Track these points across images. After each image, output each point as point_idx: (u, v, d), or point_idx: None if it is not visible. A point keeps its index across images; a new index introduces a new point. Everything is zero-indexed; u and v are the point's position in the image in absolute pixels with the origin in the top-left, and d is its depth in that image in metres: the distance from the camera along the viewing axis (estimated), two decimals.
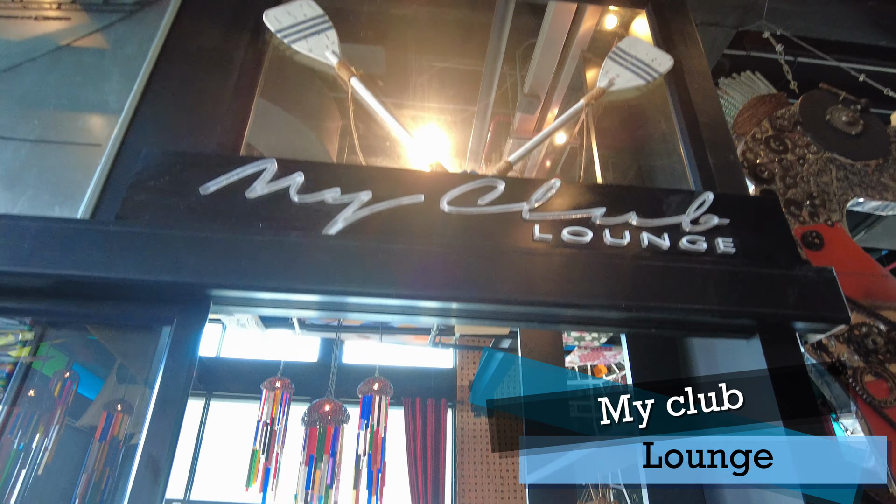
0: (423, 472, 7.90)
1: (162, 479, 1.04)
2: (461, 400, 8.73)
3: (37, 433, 1.67)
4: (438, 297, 1.18)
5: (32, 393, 1.84)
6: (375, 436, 4.74)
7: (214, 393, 8.53)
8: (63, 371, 1.71)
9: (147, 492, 1.03)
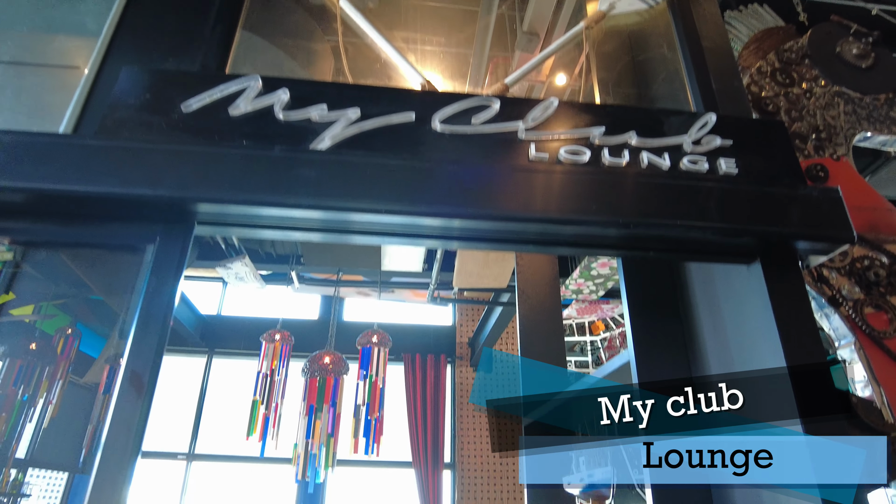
0: (423, 424, 8.04)
1: (145, 394, 1.02)
2: (460, 356, 8.83)
3: (41, 387, 1.67)
4: (438, 213, 1.14)
5: (34, 346, 1.84)
6: (374, 386, 4.79)
7: (216, 350, 8.62)
8: (65, 328, 1.70)
9: (130, 406, 1.01)
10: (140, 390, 1.01)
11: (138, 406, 0.99)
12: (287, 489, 7.98)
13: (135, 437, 0.99)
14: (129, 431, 0.98)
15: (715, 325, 1.55)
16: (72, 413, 1.69)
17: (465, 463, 8.11)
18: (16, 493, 1.51)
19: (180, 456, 7.97)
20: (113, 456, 0.98)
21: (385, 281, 5.90)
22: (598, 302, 5.73)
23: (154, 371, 1.05)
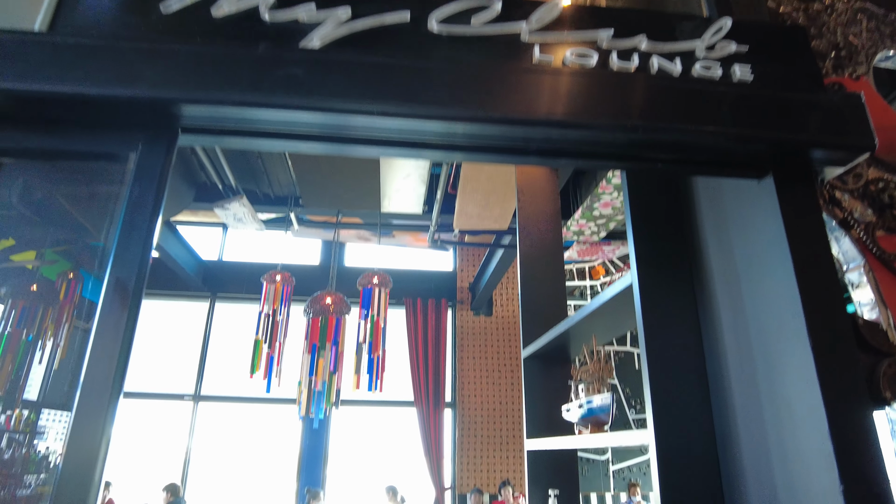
0: (425, 365, 8.18)
1: (131, 302, 0.99)
2: (461, 300, 8.90)
3: (46, 329, 1.67)
4: (438, 115, 1.07)
5: (35, 288, 1.82)
6: (376, 325, 4.82)
7: (218, 294, 8.69)
8: (67, 272, 1.67)
9: (116, 314, 0.98)
10: (125, 299, 0.97)
11: (123, 315, 0.96)
12: (292, 427, 8.21)
13: (121, 351, 0.96)
14: (115, 341, 0.95)
15: (722, 246, 1.51)
16: (80, 357, 1.69)
17: (465, 402, 8.31)
18: (29, 430, 1.53)
19: (187, 397, 8.17)
20: (99, 371, 0.95)
21: (385, 223, 5.85)
22: (600, 243, 5.69)
23: (139, 281, 1.01)
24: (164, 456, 8.09)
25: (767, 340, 1.30)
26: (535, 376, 2.73)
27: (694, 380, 1.47)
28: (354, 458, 8.32)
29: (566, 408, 2.17)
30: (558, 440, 2.18)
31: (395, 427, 8.56)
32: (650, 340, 1.48)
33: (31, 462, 1.53)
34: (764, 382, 1.30)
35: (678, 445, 1.39)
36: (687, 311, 1.54)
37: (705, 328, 1.52)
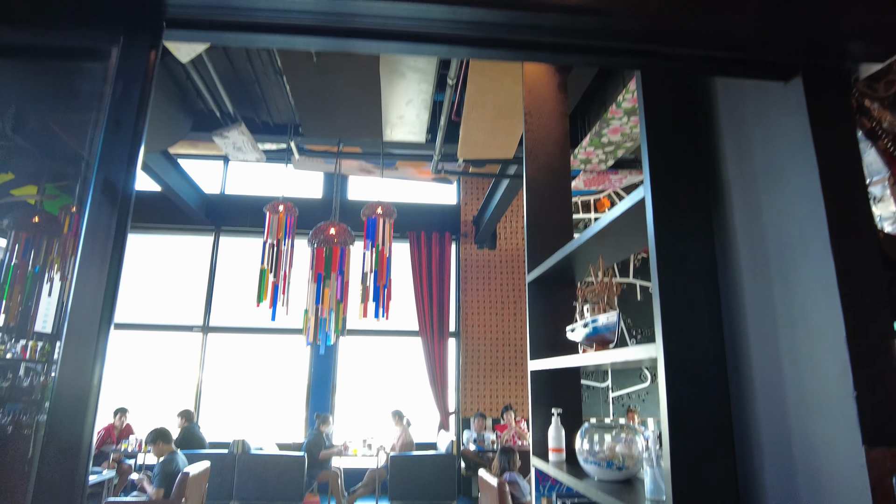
0: (429, 297, 8.27)
1: (120, 206, 0.94)
2: (465, 233, 8.87)
3: (52, 261, 1.68)
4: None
5: (37, 219, 1.78)
6: (381, 255, 4.82)
7: (222, 228, 8.68)
8: (70, 205, 1.64)
9: (105, 219, 0.93)
10: (114, 200, 0.92)
11: (114, 213, 0.91)
12: (301, 356, 8.43)
13: (113, 254, 0.92)
14: (105, 245, 0.91)
15: (741, 155, 1.43)
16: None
17: (468, 332, 8.46)
18: (45, 360, 1.51)
19: (196, 328, 8.33)
20: (90, 272, 0.92)
21: (388, 153, 5.72)
22: (607, 172, 5.58)
23: (128, 182, 0.96)
24: (178, 385, 8.35)
25: (785, 252, 1.25)
26: (540, 300, 2.73)
27: (705, 294, 1.44)
28: (362, 385, 8.57)
29: (571, 328, 2.16)
30: (563, 359, 2.20)
31: (400, 356, 8.77)
32: (662, 254, 1.44)
33: (48, 390, 1.56)
34: (780, 295, 1.26)
35: (687, 358, 1.38)
36: (701, 223, 1.49)
37: (719, 241, 1.47)
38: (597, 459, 1.92)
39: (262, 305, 4.94)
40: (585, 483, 1.90)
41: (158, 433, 4.66)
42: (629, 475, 1.90)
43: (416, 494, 6.48)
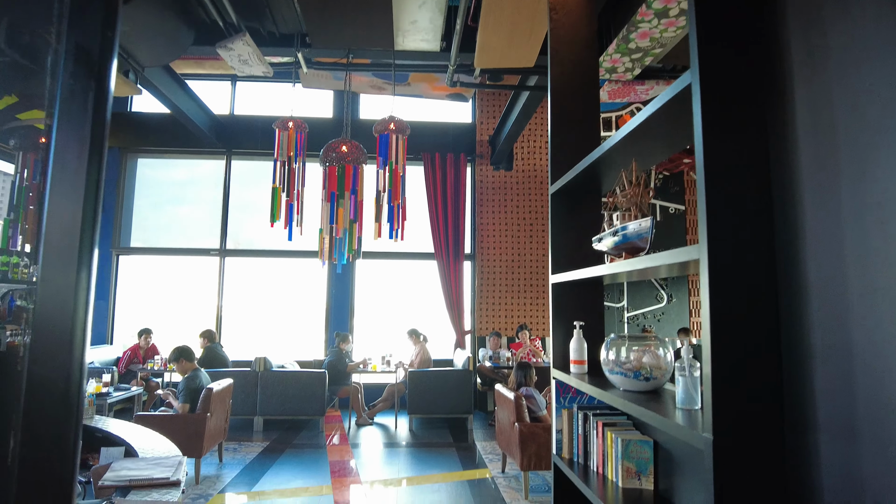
0: (444, 220, 8.18)
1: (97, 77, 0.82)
2: (480, 154, 8.63)
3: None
4: None
5: (43, 140, 1.71)
6: (395, 173, 4.68)
7: (234, 151, 8.53)
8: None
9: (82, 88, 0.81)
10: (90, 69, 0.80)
11: (91, 86, 0.79)
12: (319, 278, 8.51)
13: (90, 170, 0.81)
14: (79, 159, 0.80)
15: (809, 31, 1.25)
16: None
17: (484, 254, 8.42)
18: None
19: (213, 252, 8.38)
20: (64, 191, 0.81)
21: (400, 63, 5.42)
22: (633, 83, 5.27)
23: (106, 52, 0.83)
24: (200, 307, 8.53)
25: (861, 138, 1.11)
26: (563, 212, 2.61)
27: (756, 190, 1.31)
28: (379, 306, 8.69)
29: (598, 237, 2.06)
30: (589, 270, 2.10)
31: (416, 278, 8.82)
32: (710, 147, 1.29)
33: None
34: (849, 187, 1.13)
35: (733, 260, 1.27)
36: (754, 110, 1.33)
37: (774, 132, 1.32)
38: (623, 370, 1.87)
39: (277, 226, 4.88)
40: (611, 393, 1.85)
41: (181, 351, 4.76)
42: (656, 386, 1.86)
43: (433, 408, 6.69)
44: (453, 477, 4.83)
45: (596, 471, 2.22)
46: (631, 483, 2.03)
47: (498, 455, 5.44)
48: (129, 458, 2.02)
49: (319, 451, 5.64)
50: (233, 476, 4.70)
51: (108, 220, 8.29)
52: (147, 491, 1.71)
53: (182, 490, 1.76)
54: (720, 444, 1.20)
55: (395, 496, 4.31)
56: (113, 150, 8.44)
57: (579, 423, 2.36)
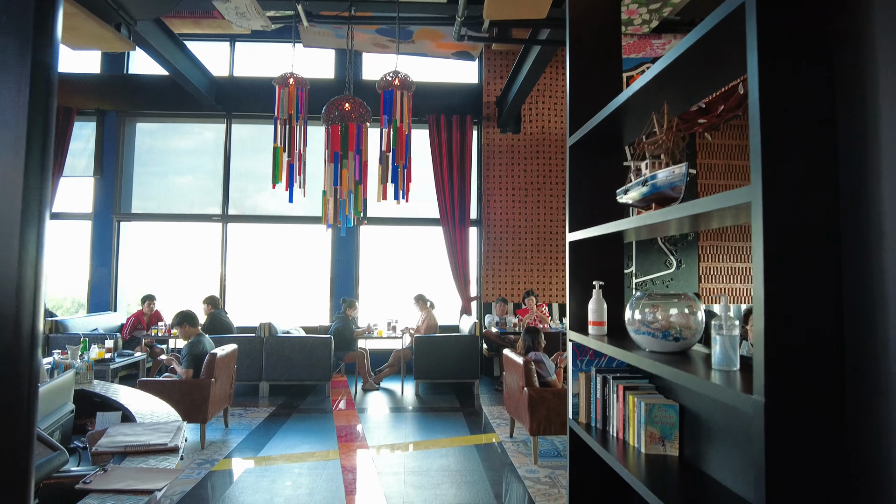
0: (450, 184, 8.00)
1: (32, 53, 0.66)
2: (487, 116, 8.39)
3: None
4: None
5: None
6: (399, 132, 4.49)
7: (234, 114, 8.30)
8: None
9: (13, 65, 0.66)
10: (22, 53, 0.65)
11: (24, 81, 0.64)
12: (323, 244, 8.39)
13: (31, 126, 0.66)
14: (16, 113, 0.65)
15: None
16: None
17: (490, 220, 8.26)
18: None
19: (215, 218, 8.25)
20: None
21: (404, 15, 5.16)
22: (649, 36, 5.02)
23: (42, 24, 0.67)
24: (204, 274, 8.45)
25: None
26: (582, 165, 2.45)
27: (818, 124, 1.15)
28: (384, 273, 8.60)
29: (623, 189, 1.91)
30: (613, 224, 1.96)
31: (422, 244, 8.69)
32: (766, 71, 1.13)
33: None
34: None
35: (789, 207, 1.12)
36: (820, 34, 1.16)
37: (843, 50, 1.16)
38: (651, 330, 1.74)
39: (279, 190, 4.72)
40: (637, 354, 1.73)
41: (184, 316, 4.67)
42: (685, 346, 1.73)
43: (440, 374, 6.65)
44: (461, 441, 4.79)
45: (616, 436, 2.12)
46: (654, 449, 1.92)
47: (505, 420, 5.40)
48: (126, 424, 1.93)
49: (326, 416, 5.61)
50: (238, 441, 4.67)
51: (108, 186, 8.14)
52: (144, 457, 1.61)
53: (181, 456, 1.67)
54: (774, 407, 1.07)
55: (402, 460, 4.27)
56: (110, 114, 8.23)
57: (597, 387, 2.25)
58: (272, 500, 3.48)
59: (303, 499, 3.49)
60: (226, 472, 3.95)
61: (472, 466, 4.14)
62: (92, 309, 7.97)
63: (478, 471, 4.05)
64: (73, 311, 8.65)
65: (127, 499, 1.33)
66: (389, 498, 3.54)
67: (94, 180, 8.14)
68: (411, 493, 3.63)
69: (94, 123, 8.17)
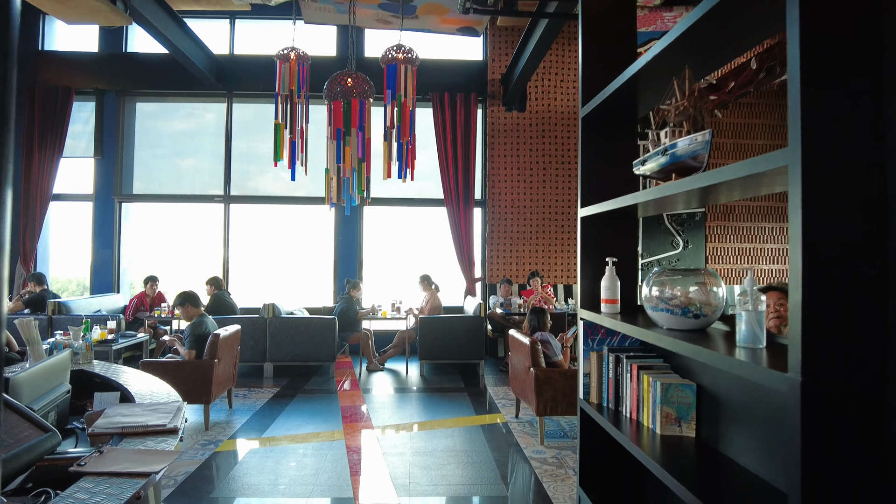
0: (454, 164, 7.88)
1: None
2: (492, 94, 8.23)
3: None
4: None
5: None
6: (403, 108, 4.37)
7: (235, 92, 8.17)
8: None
9: None
10: None
11: None
12: (326, 225, 8.30)
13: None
14: None
15: None
16: None
17: (495, 200, 8.16)
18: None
19: (217, 198, 8.16)
20: None
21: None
22: (660, 10, 4.86)
23: None
24: (206, 255, 8.40)
25: None
26: (596, 137, 2.35)
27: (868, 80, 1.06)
28: (388, 254, 8.53)
29: (640, 160, 1.82)
30: (629, 197, 1.87)
31: (425, 225, 8.61)
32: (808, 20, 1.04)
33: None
34: None
35: (831, 171, 1.03)
36: None
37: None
38: (670, 306, 1.66)
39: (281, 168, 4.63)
40: (655, 332, 1.66)
41: (186, 296, 4.62)
42: (706, 324, 1.65)
43: (444, 354, 6.61)
44: (466, 422, 4.75)
45: (629, 416, 2.06)
46: (671, 430, 1.86)
47: (510, 400, 5.37)
48: (124, 404, 1.87)
49: (330, 396, 5.59)
50: (243, 422, 4.65)
51: (108, 167, 8.05)
52: (142, 439, 1.55)
53: (180, 437, 1.61)
54: (811, 386, 1.00)
55: (407, 441, 4.24)
56: (109, 94, 8.10)
57: (609, 367, 2.18)
58: (277, 480, 3.45)
59: (308, 479, 3.46)
60: (230, 453, 3.93)
61: (477, 447, 4.11)
62: (95, 291, 7.94)
63: (484, 451, 4.02)
64: (79, 294, 8.62)
65: (123, 482, 1.28)
66: (395, 478, 3.51)
67: (94, 161, 8.05)
68: (417, 473, 3.59)
69: (94, 103, 8.06)
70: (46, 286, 6.91)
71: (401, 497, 3.25)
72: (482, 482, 3.48)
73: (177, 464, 3.67)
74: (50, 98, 7.73)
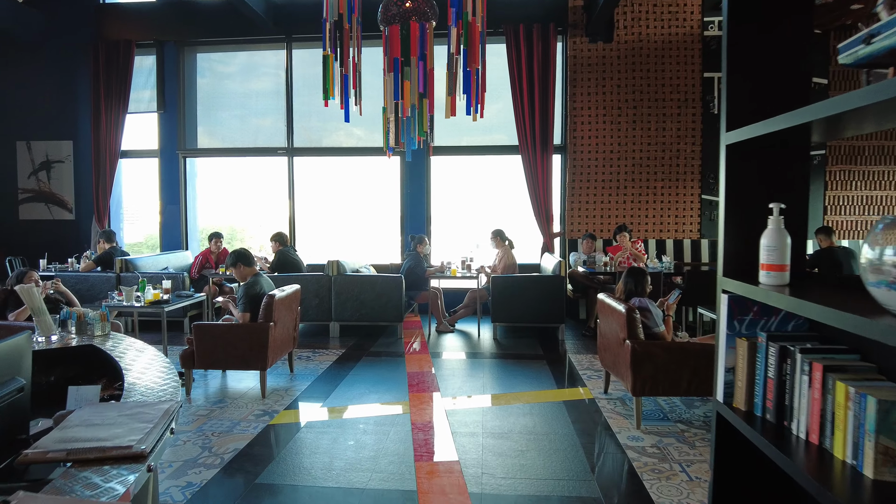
0: (531, 105, 7.05)
1: None
2: (573, 23, 7.24)
3: None
4: None
5: None
6: (471, 28, 3.65)
7: (294, 37, 7.68)
8: None
9: None
10: None
11: None
12: (391, 177, 7.79)
13: None
14: None
15: None
16: None
17: (577, 145, 7.28)
18: None
19: (280, 151, 7.83)
20: None
21: None
22: None
23: None
24: (271, 211, 8.18)
25: None
26: (750, 28, 1.59)
27: None
28: (457, 207, 7.94)
29: (862, 36, 1.08)
30: (831, 102, 1.14)
31: (498, 175, 7.91)
32: None
33: None
34: None
35: None
36: None
37: None
38: None
39: (333, 104, 4.07)
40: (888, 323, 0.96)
41: (238, 255, 4.26)
42: None
43: (519, 317, 6.03)
44: (546, 396, 4.18)
45: (804, 439, 1.38)
46: (892, 473, 1.17)
47: (597, 372, 4.73)
48: (100, 405, 1.43)
49: (397, 360, 5.18)
50: (303, 389, 4.31)
51: (171, 121, 7.88)
52: (96, 468, 1.07)
53: (148, 467, 1.12)
54: None
55: (480, 418, 3.73)
56: (169, 45, 7.84)
57: (770, 362, 1.50)
58: (331, 464, 3.05)
59: (366, 464, 3.03)
60: (284, 427, 3.58)
61: (561, 429, 3.53)
62: (164, 248, 7.93)
63: (569, 435, 3.44)
64: (152, 251, 8.71)
65: None
66: (466, 466, 3.01)
67: (157, 116, 7.89)
68: (491, 461, 3.08)
69: (154, 56, 7.83)
70: (116, 243, 6.89)
71: (472, 490, 2.75)
72: (569, 477, 2.90)
73: (226, 438, 3.36)
74: (112, 53, 7.57)
